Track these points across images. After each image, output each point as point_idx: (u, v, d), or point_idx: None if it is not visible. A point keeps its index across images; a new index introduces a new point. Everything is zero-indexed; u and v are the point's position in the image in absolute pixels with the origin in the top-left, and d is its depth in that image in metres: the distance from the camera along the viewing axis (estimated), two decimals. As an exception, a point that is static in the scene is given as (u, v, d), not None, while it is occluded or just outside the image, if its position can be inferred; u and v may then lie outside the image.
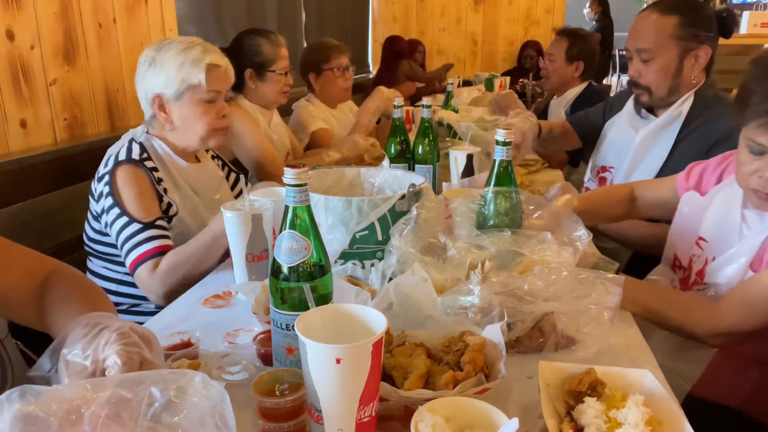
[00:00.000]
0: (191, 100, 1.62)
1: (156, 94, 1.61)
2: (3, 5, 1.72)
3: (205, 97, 1.63)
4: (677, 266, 1.47)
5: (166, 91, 1.61)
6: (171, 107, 1.63)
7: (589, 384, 0.86)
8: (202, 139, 1.67)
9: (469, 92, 3.85)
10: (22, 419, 0.59)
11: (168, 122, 1.64)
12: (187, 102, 1.62)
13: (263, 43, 2.28)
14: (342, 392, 0.73)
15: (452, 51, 6.33)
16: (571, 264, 1.10)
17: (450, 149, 1.91)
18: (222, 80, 1.67)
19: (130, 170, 1.57)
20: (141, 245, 1.50)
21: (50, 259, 1.04)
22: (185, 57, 1.59)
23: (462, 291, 1.03)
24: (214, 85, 1.63)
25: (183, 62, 1.59)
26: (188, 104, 1.62)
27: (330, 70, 2.79)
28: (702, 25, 1.80)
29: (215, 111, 1.66)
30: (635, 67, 1.89)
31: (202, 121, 1.64)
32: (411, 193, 1.24)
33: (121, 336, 0.71)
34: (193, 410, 0.63)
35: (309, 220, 0.88)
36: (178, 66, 1.59)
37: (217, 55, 1.66)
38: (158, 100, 1.62)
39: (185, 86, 1.60)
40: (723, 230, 1.35)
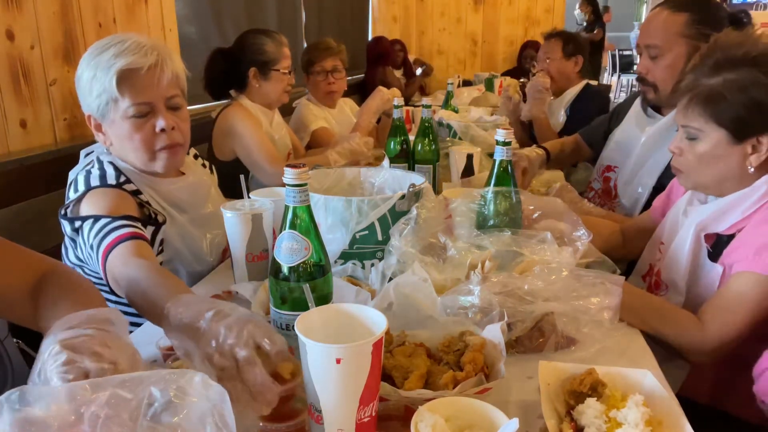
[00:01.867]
0: (116, 118, 1.32)
1: (87, 114, 1.36)
2: (3, 5, 1.72)
3: (130, 113, 1.31)
4: (649, 274, 1.49)
5: (91, 110, 1.34)
6: (104, 127, 1.36)
7: (590, 385, 0.86)
8: (143, 162, 1.38)
9: (469, 92, 3.85)
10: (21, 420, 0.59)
11: (108, 144, 1.39)
12: (111, 120, 1.33)
13: (267, 42, 2.28)
14: (342, 392, 0.73)
15: (452, 51, 6.33)
16: (571, 264, 1.10)
17: (450, 149, 1.91)
18: (150, 86, 1.31)
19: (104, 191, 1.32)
20: (110, 234, 1.22)
21: (47, 259, 1.03)
22: (96, 65, 1.29)
23: (462, 291, 1.03)
24: (138, 96, 1.31)
25: (94, 74, 1.29)
26: (113, 123, 1.33)
27: (314, 73, 2.81)
28: (712, 24, 1.78)
29: (150, 126, 1.34)
30: (643, 64, 1.89)
31: (133, 141, 1.34)
32: (411, 193, 1.24)
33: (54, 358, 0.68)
34: (192, 410, 0.63)
35: (309, 220, 0.88)
36: (90, 79, 1.30)
37: (139, 54, 1.29)
38: (91, 121, 1.37)
39: (102, 102, 1.31)
40: (671, 227, 1.42)
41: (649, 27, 1.87)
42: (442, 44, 6.29)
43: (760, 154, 1.22)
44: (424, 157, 1.96)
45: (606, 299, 1.04)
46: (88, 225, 1.26)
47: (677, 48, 1.79)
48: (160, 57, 1.32)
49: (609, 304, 1.04)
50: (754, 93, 1.18)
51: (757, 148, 1.22)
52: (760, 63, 1.18)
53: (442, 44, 6.30)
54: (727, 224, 1.26)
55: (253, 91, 2.32)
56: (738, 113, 1.20)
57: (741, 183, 1.26)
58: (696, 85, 1.25)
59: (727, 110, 1.21)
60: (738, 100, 1.20)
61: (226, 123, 2.24)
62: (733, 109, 1.21)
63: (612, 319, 1.05)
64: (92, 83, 1.30)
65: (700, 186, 1.34)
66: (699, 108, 1.25)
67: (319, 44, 2.86)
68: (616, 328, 1.10)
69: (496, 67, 6.01)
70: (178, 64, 1.39)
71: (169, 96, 1.36)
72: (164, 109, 1.35)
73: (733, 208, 1.25)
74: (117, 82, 1.28)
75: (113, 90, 1.28)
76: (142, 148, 1.35)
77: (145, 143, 1.34)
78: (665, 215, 1.50)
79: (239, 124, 2.20)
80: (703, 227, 1.30)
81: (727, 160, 1.25)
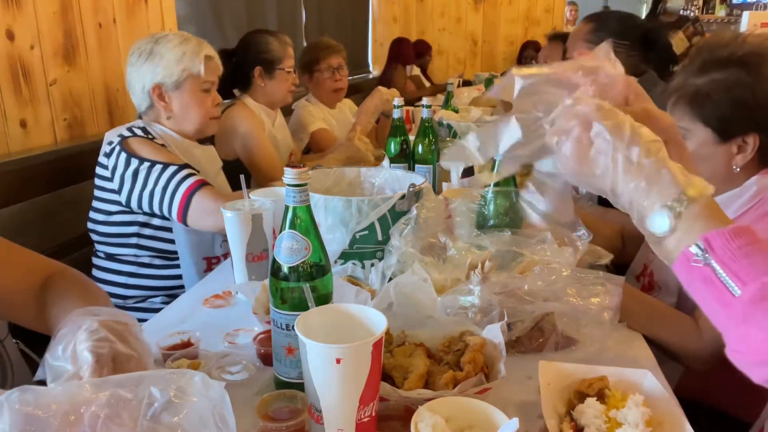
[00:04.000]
0: (190, 90, 1.70)
1: (155, 83, 1.67)
2: (3, 5, 1.72)
3: (202, 87, 1.72)
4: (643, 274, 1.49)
5: (166, 80, 1.67)
6: (170, 96, 1.70)
7: (598, 389, 0.86)
8: (199, 126, 1.75)
9: (469, 92, 3.85)
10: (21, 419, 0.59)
11: (167, 110, 1.71)
12: (186, 91, 1.70)
13: (272, 41, 2.29)
14: (342, 392, 0.73)
15: (452, 51, 6.32)
16: (571, 264, 1.10)
17: (450, 149, 1.91)
18: (215, 71, 1.77)
19: (139, 140, 1.64)
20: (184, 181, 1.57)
21: (51, 261, 1.04)
22: (184, 49, 1.68)
23: (462, 291, 1.03)
24: (210, 76, 1.73)
25: (183, 54, 1.67)
26: (187, 93, 1.70)
27: (319, 71, 2.80)
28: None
29: (211, 100, 1.76)
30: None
31: (200, 109, 1.73)
32: (411, 193, 1.24)
33: (91, 333, 0.73)
34: (193, 410, 0.63)
35: (309, 220, 0.88)
36: (178, 57, 1.67)
37: (210, 48, 1.75)
38: (158, 90, 1.68)
39: (185, 76, 1.68)
40: None
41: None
42: (442, 44, 6.29)
43: (745, 154, 1.22)
44: (424, 157, 1.96)
45: (606, 299, 1.04)
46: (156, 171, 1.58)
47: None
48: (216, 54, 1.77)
49: (609, 305, 1.04)
50: (739, 93, 1.19)
51: (743, 148, 1.22)
52: (746, 63, 1.19)
53: (442, 44, 6.30)
54: None
55: (258, 91, 2.32)
56: (723, 113, 1.21)
57: (728, 183, 1.26)
58: (683, 85, 1.26)
59: (712, 110, 1.22)
60: (723, 99, 1.20)
61: (229, 122, 2.24)
62: (718, 109, 1.21)
63: (612, 319, 1.05)
64: (181, 60, 1.67)
65: None
66: (685, 107, 1.25)
67: (321, 43, 2.86)
68: (616, 328, 1.10)
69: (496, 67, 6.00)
70: None
71: (217, 81, 1.79)
72: (215, 90, 1.79)
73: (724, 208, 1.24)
74: (204, 62, 1.70)
75: (200, 67, 1.69)
76: (203, 114, 1.74)
77: (207, 111, 1.75)
78: None
79: (242, 124, 2.21)
80: None
81: (713, 160, 1.25)
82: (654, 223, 0.67)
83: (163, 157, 1.61)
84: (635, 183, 0.68)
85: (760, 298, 0.60)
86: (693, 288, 0.66)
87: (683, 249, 0.65)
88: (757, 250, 0.62)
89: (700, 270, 0.64)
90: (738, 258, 0.62)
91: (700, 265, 0.64)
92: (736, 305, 0.61)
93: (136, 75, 1.69)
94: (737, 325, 0.62)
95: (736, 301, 0.61)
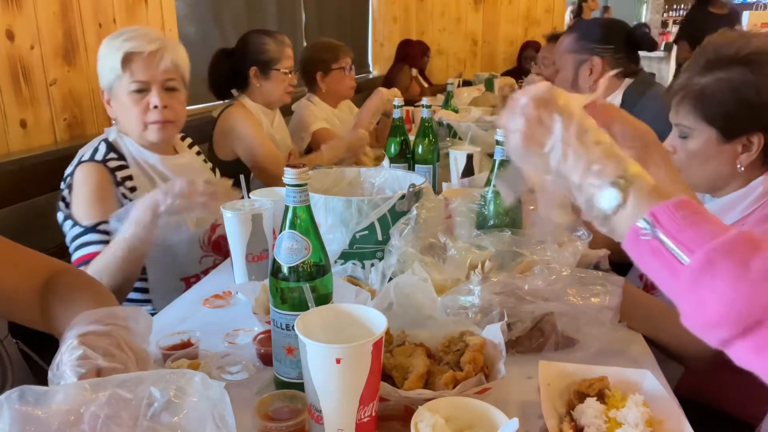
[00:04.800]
0: (119, 92, 1.55)
1: (102, 88, 1.59)
2: (3, 5, 1.72)
3: (130, 88, 1.53)
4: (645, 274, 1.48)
5: (103, 84, 1.58)
6: (111, 101, 1.59)
7: (598, 390, 0.86)
8: (137, 134, 1.59)
9: (469, 92, 3.85)
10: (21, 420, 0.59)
11: (113, 116, 1.61)
12: (117, 94, 1.56)
13: (268, 41, 2.29)
14: (342, 392, 0.73)
15: (452, 51, 6.32)
16: (571, 264, 1.10)
17: (450, 149, 1.91)
18: (149, 68, 1.53)
19: (88, 169, 1.52)
20: (80, 249, 1.46)
21: (54, 260, 1.03)
22: (108, 47, 1.54)
23: (462, 291, 1.03)
24: (138, 75, 1.53)
25: (107, 53, 1.54)
26: (118, 97, 1.56)
27: (340, 69, 2.81)
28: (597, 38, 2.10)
29: (145, 102, 1.55)
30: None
31: (131, 113, 1.55)
32: (411, 193, 1.24)
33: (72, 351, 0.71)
34: (193, 410, 0.63)
35: (309, 220, 0.88)
36: (104, 57, 1.55)
37: (144, 41, 1.52)
38: (104, 95, 1.59)
39: (112, 78, 1.54)
40: None
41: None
42: (442, 44, 6.29)
43: (750, 154, 1.22)
44: (424, 157, 1.96)
45: (606, 299, 1.04)
46: (69, 225, 1.50)
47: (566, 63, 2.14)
48: (161, 45, 1.55)
49: (609, 305, 1.04)
50: (743, 92, 1.18)
51: (748, 147, 1.22)
52: (752, 62, 1.18)
53: (442, 44, 6.29)
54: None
55: (255, 91, 2.33)
56: (728, 112, 1.20)
57: (732, 182, 1.25)
58: (688, 84, 1.26)
59: (717, 109, 1.21)
60: (728, 98, 1.20)
61: (227, 123, 2.24)
62: (723, 108, 1.21)
63: (612, 319, 1.05)
64: (106, 60, 1.54)
65: (693, 184, 1.33)
66: (690, 106, 1.25)
67: (330, 43, 2.87)
68: (616, 328, 1.10)
69: (496, 67, 6.00)
70: (181, 55, 1.60)
71: (165, 78, 1.56)
72: (159, 89, 1.55)
73: (731, 208, 1.25)
74: (122, 61, 1.51)
75: (118, 68, 1.51)
76: (137, 119, 1.55)
77: (140, 115, 1.55)
78: None
79: (240, 125, 2.21)
80: None
81: (717, 159, 1.25)
82: (603, 199, 0.69)
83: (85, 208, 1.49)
84: (585, 163, 0.70)
85: (706, 261, 0.62)
86: (643, 262, 0.68)
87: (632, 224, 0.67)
88: (701, 219, 0.65)
89: (648, 243, 0.66)
90: (683, 228, 0.64)
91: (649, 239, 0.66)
92: (686, 272, 0.63)
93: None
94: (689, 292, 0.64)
95: (684, 269, 0.63)
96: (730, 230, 0.63)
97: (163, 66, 1.54)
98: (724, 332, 0.62)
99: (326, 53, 2.83)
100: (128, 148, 1.60)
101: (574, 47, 2.10)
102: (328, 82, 2.83)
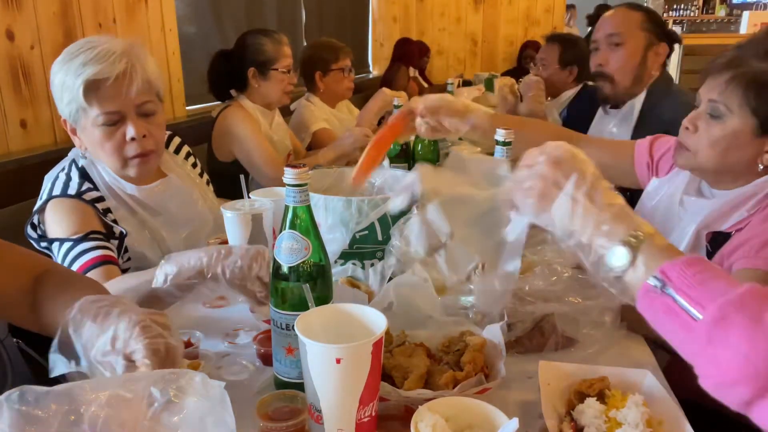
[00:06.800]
0: (87, 126, 1.30)
1: (62, 118, 1.34)
2: (3, 5, 1.72)
3: (99, 121, 1.28)
4: None
5: (63, 114, 1.32)
6: (78, 133, 1.34)
7: (598, 390, 0.86)
8: (116, 171, 1.36)
9: (469, 92, 3.85)
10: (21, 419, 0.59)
11: (83, 149, 1.37)
12: (83, 126, 1.31)
13: (266, 41, 2.28)
14: (342, 392, 0.73)
15: (452, 51, 6.32)
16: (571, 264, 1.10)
17: (450, 149, 1.91)
18: (118, 95, 1.27)
19: (62, 206, 1.30)
20: (80, 257, 1.24)
21: (43, 258, 1.03)
22: (66, 72, 1.27)
23: (462, 291, 1.03)
24: (107, 106, 1.27)
25: (63, 81, 1.27)
26: (85, 128, 1.31)
27: (339, 70, 2.82)
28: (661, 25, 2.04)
29: (120, 134, 1.30)
30: (602, 56, 2.05)
31: (104, 148, 1.31)
32: (411, 193, 1.24)
33: (144, 330, 0.73)
34: (193, 410, 0.63)
35: (309, 220, 0.88)
36: (60, 85, 1.28)
37: (107, 63, 1.25)
38: (66, 125, 1.35)
39: (75, 108, 1.28)
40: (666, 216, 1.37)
41: (608, 20, 2.06)
42: (442, 44, 6.29)
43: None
44: (424, 157, 1.96)
45: (606, 300, 1.04)
46: (56, 247, 1.27)
47: (636, 39, 1.98)
48: (129, 64, 1.28)
49: (609, 305, 1.04)
50: None
51: None
52: None
53: (442, 44, 6.29)
54: (731, 222, 1.22)
55: (253, 92, 2.32)
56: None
57: (742, 177, 1.21)
58: (742, 64, 1.16)
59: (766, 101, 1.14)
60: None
61: (225, 124, 2.24)
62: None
63: (613, 320, 1.05)
64: (62, 90, 1.28)
65: (701, 170, 1.28)
66: (740, 89, 1.16)
67: (330, 43, 2.88)
68: (616, 328, 1.10)
69: (496, 67, 6.00)
70: (150, 69, 1.34)
71: (140, 103, 1.31)
72: (135, 117, 1.31)
73: (738, 206, 1.20)
74: (84, 91, 1.25)
75: (80, 99, 1.25)
76: (113, 155, 1.32)
77: (116, 151, 1.32)
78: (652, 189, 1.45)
79: (238, 126, 2.20)
80: (706, 226, 1.25)
81: (743, 150, 1.18)
82: (613, 257, 0.70)
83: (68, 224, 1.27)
84: (595, 223, 0.72)
85: (719, 317, 0.62)
86: (658, 321, 0.69)
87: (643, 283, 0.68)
88: (712, 276, 0.66)
89: (661, 300, 0.67)
90: (694, 284, 0.65)
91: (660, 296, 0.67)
92: (699, 329, 0.63)
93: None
94: (703, 349, 0.64)
95: (698, 325, 0.63)
96: (741, 286, 0.64)
97: (135, 89, 1.28)
98: (743, 391, 0.61)
99: (326, 53, 2.83)
100: (102, 176, 1.38)
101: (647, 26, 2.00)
102: (327, 82, 2.84)
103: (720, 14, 9.82)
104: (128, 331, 0.73)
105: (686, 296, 0.64)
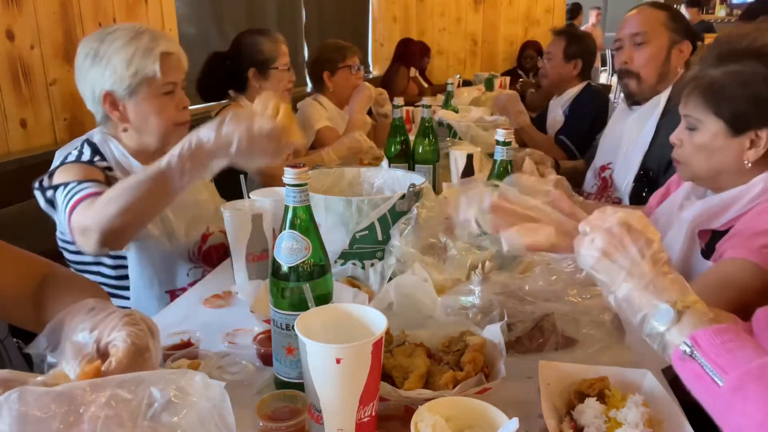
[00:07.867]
0: (148, 95, 1.44)
1: (105, 91, 1.42)
2: (3, 5, 1.72)
3: (162, 90, 1.45)
4: None
5: (116, 87, 1.42)
6: (125, 105, 1.44)
7: (598, 390, 0.86)
8: (162, 137, 1.48)
9: (469, 92, 3.85)
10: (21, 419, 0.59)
11: (123, 122, 1.46)
12: (144, 98, 1.44)
13: (262, 41, 2.28)
14: (342, 392, 0.73)
15: (452, 51, 6.32)
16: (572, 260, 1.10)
17: (450, 149, 1.91)
18: (177, 69, 1.49)
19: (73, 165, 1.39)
20: (80, 192, 1.29)
21: (45, 261, 1.03)
22: (134, 47, 1.40)
23: (462, 291, 1.03)
24: (170, 76, 1.45)
25: (133, 54, 1.40)
26: (145, 100, 1.44)
27: (347, 68, 2.82)
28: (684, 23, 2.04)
29: (174, 104, 1.48)
30: (626, 54, 2.03)
31: (162, 116, 1.46)
32: (411, 193, 1.24)
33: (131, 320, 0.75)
34: (193, 410, 0.63)
35: (309, 220, 0.88)
36: (127, 58, 1.40)
37: (168, 41, 1.46)
38: (109, 98, 1.43)
39: (138, 80, 1.41)
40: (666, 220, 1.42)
41: (633, 19, 2.05)
42: (442, 44, 6.29)
43: (758, 149, 1.20)
44: (424, 157, 1.95)
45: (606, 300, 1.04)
46: (60, 192, 1.33)
47: (661, 37, 1.98)
48: (179, 48, 1.50)
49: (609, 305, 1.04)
50: (754, 86, 1.17)
51: (756, 142, 1.20)
52: (763, 55, 1.16)
53: (442, 44, 6.30)
54: (723, 221, 1.24)
55: (254, 92, 2.32)
56: (737, 106, 1.19)
57: (738, 178, 1.24)
58: (699, 75, 1.24)
59: (726, 102, 1.20)
60: (738, 92, 1.18)
61: None
62: (732, 102, 1.19)
63: (613, 320, 1.05)
64: (131, 62, 1.40)
65: (697, 178, 1.33)
66: (699, 98, 1.24)
67: (338, 43, 2.88)
68: (616, 328, 1.10)
69: (496, 67, 6.00)
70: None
71: (183, 78, 1.51)
72: (180, 89, 1.50)
73: (730, 205, 1.23)
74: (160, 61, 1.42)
75: (156, 69, 1.41)
76: (167, 122, 1.47)
77: (170, 118, 1.47)
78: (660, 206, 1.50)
79: None
80: (698, 224, 1.29)
81: (724, 153, 1.23)
82: (659, 315, 0.74)
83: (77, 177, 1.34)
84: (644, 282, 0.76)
85: (738, 386, 0.65)
86: (690, 384, 0.72)
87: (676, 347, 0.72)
88: (740, 345, 0.69)
89: (691, 366, 0.71)
90: (722, 352, 0.68)
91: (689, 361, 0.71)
92: (722, 395, 0.66)
93: (83, 80, 1.44)
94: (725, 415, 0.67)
95: (721, 391, 0.66)
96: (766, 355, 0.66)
97: (184, 66, 1.51)
98: None
99: (334, 53, 2.84)
100: (113, 152, 1.49)
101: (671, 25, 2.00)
102: (335, 81, 2.84)
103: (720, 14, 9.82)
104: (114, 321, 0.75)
105: (713, 363, 0.68)
